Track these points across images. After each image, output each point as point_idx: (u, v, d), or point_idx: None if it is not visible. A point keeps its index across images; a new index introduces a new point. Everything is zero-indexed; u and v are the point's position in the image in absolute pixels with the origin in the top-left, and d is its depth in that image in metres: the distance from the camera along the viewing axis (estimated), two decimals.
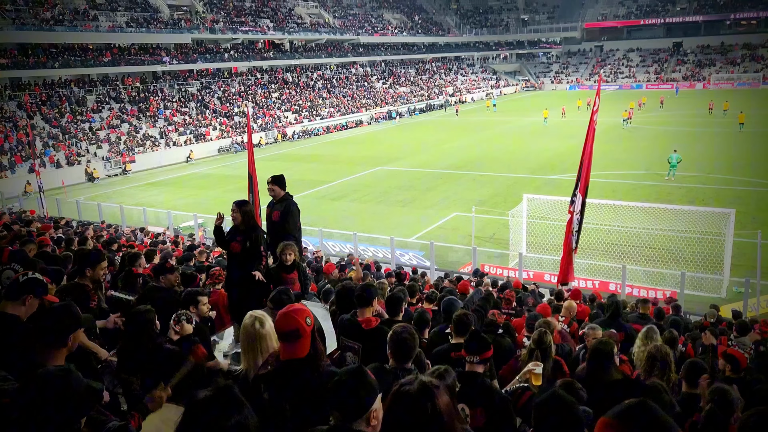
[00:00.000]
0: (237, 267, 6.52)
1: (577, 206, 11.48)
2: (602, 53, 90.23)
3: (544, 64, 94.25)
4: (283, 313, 3.02)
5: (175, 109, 46.92)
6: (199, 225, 21.15)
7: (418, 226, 22.09)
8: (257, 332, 3.33)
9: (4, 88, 39.56)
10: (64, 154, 36.45)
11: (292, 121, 53.37)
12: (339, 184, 30.39)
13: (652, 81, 79.24)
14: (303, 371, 2.98)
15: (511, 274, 16.35)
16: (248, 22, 58.97)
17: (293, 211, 7.58)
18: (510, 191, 26.08)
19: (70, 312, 2.99)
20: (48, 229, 11.16)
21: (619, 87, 79.63)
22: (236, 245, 6.41)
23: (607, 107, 55.80)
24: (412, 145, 43.03)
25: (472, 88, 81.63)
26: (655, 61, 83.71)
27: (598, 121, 11.96)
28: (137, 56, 47.14)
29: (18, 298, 3.47)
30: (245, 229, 6.44)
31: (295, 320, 2.96)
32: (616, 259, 16.76)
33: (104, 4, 47.49)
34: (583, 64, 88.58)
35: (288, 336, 2.98)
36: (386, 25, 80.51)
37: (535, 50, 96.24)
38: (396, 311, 5.07)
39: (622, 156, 33.33)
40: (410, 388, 1.90)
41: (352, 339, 4.59)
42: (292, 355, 2.98)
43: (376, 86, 69.78)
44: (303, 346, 2.99)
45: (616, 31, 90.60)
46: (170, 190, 31.98)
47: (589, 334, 5.86)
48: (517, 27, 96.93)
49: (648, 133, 41.50)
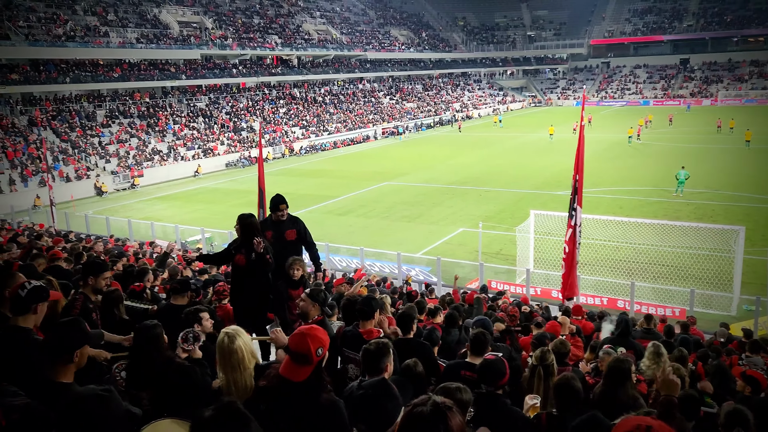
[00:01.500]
0: (243, 280, 6.50)
1: (578, 219, 11.49)
2: (609, 69, 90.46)
3: (551, 80, 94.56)
4: (300, 332, 3.02)
5: (183, 124, 47.28)
6: (206, 239, 21.21)
7: (424, 242, 22.06)
8: (227, 348, 3.35)
9: (16, 102, 40.02)
10: (74, 168, 36.73)
11: (299, 136, 53.65)
12: (345, 199, 30.43)
13: (659, 97, 79.30)
14: (295, 395, 2.97)
15: (518, 290, 16.28)
16: (256, 38, 59.56)
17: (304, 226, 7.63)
18: (517, 207, 26.05)
19: (76, 328, 3.00)
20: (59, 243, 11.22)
21: (626, 103, 79.71)
22: (241, 258, 6.39)
23: (613, 124, 55.98)
24: (418, 160, 43.13)
25: (479, 104, 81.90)
26: (663, 78, 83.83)
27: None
28: (147, 72, 47.64)
29: (27, 310, 3.49)
30: (248, 243, 6.42)
31: (306, 346, 2.95)
32: (625, 276, 16.66)
33: (115, 21, 48.12)
34: (590, 80, 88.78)
35: (294, 356, 2.99)
36: (393, 41, 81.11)
37: (542, 66, 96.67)
38: (408, 329, 5.06)
39: (629, 172, 33.28)
40: (423, 409, 1.89)
41: (354, 350, 4.58)
42: (289, 375, 2.99)
43: (383, 102, 70.15)
44: (302, 373, 2.98)
45: (622, 47, 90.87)
46: (178, 205, 32.12)
47: (603, 359, 5.79)
48: (523, 43, 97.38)
49: (655, 150, 41.44)
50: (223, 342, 3.37)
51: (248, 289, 6.43)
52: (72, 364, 2.94)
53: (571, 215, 11.30)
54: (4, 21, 39.49)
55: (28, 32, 40.22)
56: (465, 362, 4.68)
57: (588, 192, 26.01)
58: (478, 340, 4.71)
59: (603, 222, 18.76)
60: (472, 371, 4.42)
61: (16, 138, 36.98)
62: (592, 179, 29.07)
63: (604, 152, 40.13)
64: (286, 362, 3.02)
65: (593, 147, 41.21)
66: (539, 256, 18.12)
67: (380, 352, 3.58)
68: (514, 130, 58.49)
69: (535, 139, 50.44)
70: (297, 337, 3.02)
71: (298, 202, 7.85)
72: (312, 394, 2.96)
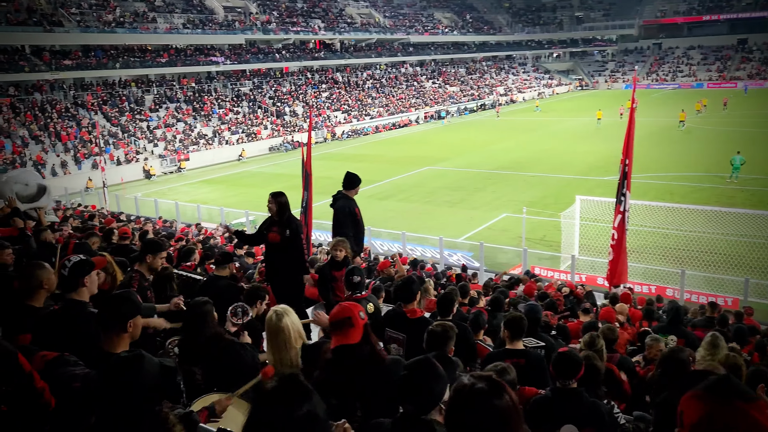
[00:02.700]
0: (277, 256, 6.57)
1: (627, 204, 11.16)
2: (660, 51, 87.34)
3: (599, 63, 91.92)
4: (339, 305, 3.15)
5: (228, 109, 47.98)
6: (250, 221, 21.53)
7: (466, 227, 21.87)
8: (275, 326, 3.39)
9: (69, 88, 41.33)
10: (123, 151, 37.79)
11: (341, 120, 53.78)
12: (387, 184, 30.40)
13: (713, 80, 76.18)
14: (356, 352, 3.04)
15: (562, 276, 15.99)
16: (300, 22, 59.77)
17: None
18: (562, 192, 25.52)
19: (128, 299, 3.07)
20: (111, 223, 11.57)
21: (678, 86, 76.93)
22: (275, 235, 6.44)
23: (664, 108, 54.12)
24: (461, 145, 42.70)
25: (523, 88, 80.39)
26: (718, 59, 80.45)
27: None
28: (193, 57, 48.43)
29: (76, 285, 3.58)
30: (281, 220, 6.46)
31: (348, 310, 3.07)
32: (674, 264, 16.15)
33: (162, 7, 48.99)
34: (640, 63, 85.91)
35: (339, 325, 3.06)
36: (436, 25, 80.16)
37: (590, 48, 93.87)
38: (448, 311, 5.00)
39: (680, 158, 32.18)
40: (482, 385, 1.83)
41: (397, 330, 4.55)
42: (342, 341, 3.06)
43: (426, 86, 69.58)
44: (354, 335, 3.04)
45: (675, 27, 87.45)
46: (223, 188, 32.70)
47: (652, 346, 5.62)
48: (571, 25, 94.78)
49: (708, 135, 39.90)
50: (271, 320, 3.42)
51: (283, 266, 6.50)
52: (126, 334, 3.01)
53: (619, 201, 10.96)
54: (57, 8, 40.70)
55: (80, 19, 41.36)
56: (507, 350, 4.59)
57: (637, 178, 25.25)
58: (514, 323, 4.59)
59: (652, 208, 18.19)
60: (520, 357, 4.32)
61: (69, 122, 38.24)
62: (640, 164, 28.20)
63: (654, 137, 38.87)
64: (333, 338, 3.11)
65: (641, 131, 39.93)
66: (585, 243, 17.73)
67: (446, 334, 3.56)
68: (560, 115, 57.23)
69: (581, 124, 49.24)
70: (335, 309, 3.15)
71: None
72: (372, 351, 3.08)
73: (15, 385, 2.53)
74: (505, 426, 1.80)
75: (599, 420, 3.41)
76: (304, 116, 50.67)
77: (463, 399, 1.84)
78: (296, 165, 30.32)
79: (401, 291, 4.64)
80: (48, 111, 38.22)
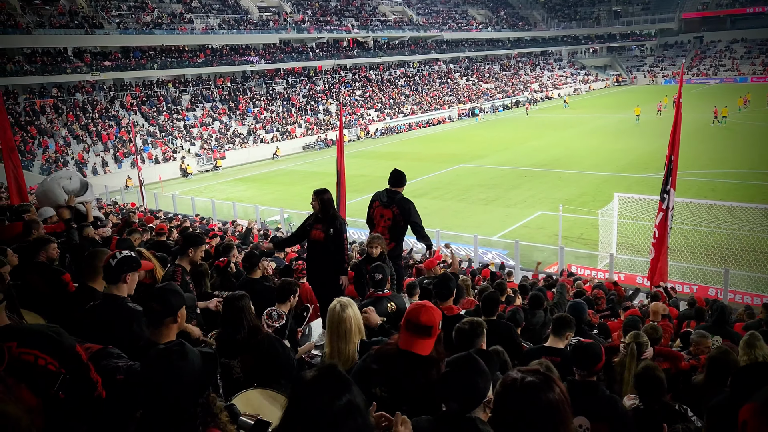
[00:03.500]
0: (320, 255, 6.48)
1: (670, 202, 10.86)
2: (702, 45, 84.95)
3: (637, 58, 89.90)
4: (423, 305, 2.95)
5: (262, 107, 48.53)
6: (285, 219, 21.73)
7: (501, 225, 21.65)
8: (338, 316, 3.39)
9: (109, 88, 42.37)
10: (161, 150, 38.57)
11: (374, 118, 53.86)
12: (420, 182, 30.29)
13: (758, 73, 73.72)
14: (421, 364, 2.88)
15: (600, 275, 15.70)
16: (333, 21, 60.03)
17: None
18: (599, 190, 25.06)
19: (175, 290, 3.11)
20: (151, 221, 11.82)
21: (720, 80, 74.73)
22: (318, 233, 6.36)
23: (704, 103, 52.61)
24: (495, 142, 42.30)
25: (559, 84, 79.20)
26: (763, 52, 77.77)
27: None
28: (228, 57, 49.11)
29: (118, 279, 3.64)
30: (325, 218, 6.41)
31: (432, 318, 2.87)
32: (717, 263, 15.68)
33: (199, 8, 49.81)
34: (680, 57, 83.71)
35: (418, 328, 2.88)
36: (470, 21, 79.56)
37: (628, 43, 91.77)
38: (492, 311, 4.94)
39: (722, 154, 31.24)
40: (533, 379, 1.80)
41: None
42: (412, 348, 2.88)
43: (459, 83, 69.16)
44: (426, 346, 2.88)
45: (718, 20, 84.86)
46: (258, 186, 33.08)
47: (699, 342, 5.43)
48: (608, 19, 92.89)
49: (752, 131, 38.64)
50: (335, 309, 3.43)
51: (326, 264, 6.46)
52: (175, 325, 3.04)
53: (663, 198, 10.69)
54: (98, 11, 41.76)
55: (120, 21, 42.35)
56: (545, 347, 4.51)
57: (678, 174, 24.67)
58: (559, 321, 4.51)
59: (693, 206, 17.70)
60: (555, 355, 4.24)
61: (109, 122, 39.21)
62: (681, 161, 27.51)
63: (695, 133, 37.83)
64: (406, 336, 2.92)
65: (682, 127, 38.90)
66: (623, 241, 17.35)
67: (474, 331, 3.51)
68: (596, 111, 56.19)
69: (618, 120, 48.24)
70: (419, 308, 2.92)
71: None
72: (436, 367, 2.88)
73: (74, 373, 2.58)
74: (555, 420, 1.77)
75: (614, 415, 3.34)
76: (338, 114, 50.89)
77: (513, 393, 1.81)
78: (329, 163, 30.50)
79: (439, 287, 4.59)
80: (89, 111, 39.26)
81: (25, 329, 2.56)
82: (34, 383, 2.43)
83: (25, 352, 2.45)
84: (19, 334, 2.49)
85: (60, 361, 2.53)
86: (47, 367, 2.48)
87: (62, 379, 2.52)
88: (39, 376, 2.46)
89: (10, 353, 2.41)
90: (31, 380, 2.42)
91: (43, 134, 35.41)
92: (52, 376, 2.50)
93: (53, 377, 2.50)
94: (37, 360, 2.46)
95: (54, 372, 2.50)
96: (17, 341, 2.45)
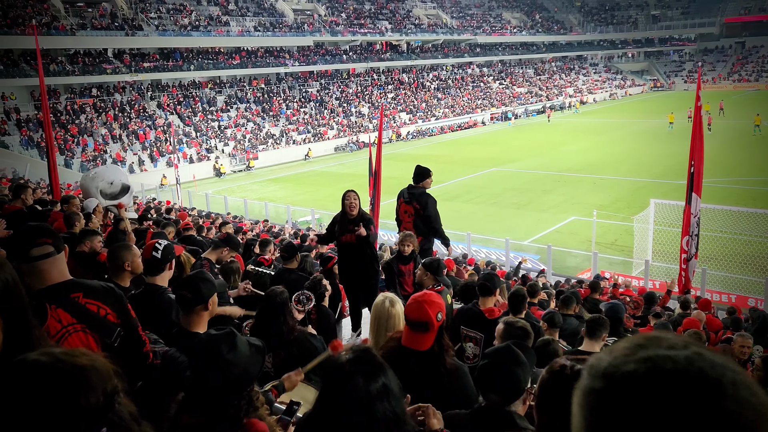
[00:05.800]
0: (352, 256, 6.52)
1: (696, 208, 10.63)
2: (744, 50, 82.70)
3: (676, 63, 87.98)
4: (417, 300, 2.91)
5: (295, 109, 48.95)
6: (316, 219, 21.86)
7: (533, 229, 21.38)
8: (387, 311, 3.37)
9: (147, 89, 43.29)
10: (196, 150, 39.20)
11: (406, 121, 53.82)
12: (452, 185, 30.13)
13: None
14: (420, 363, 2.86)
15: (635, 282, 15.38)
16: (367, 24, 60.24)
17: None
18: (634, 196, 24.58)
19: (207, 278, 3.13)
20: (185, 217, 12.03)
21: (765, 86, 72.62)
22: (351, 236, 6.38)
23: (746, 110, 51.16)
24: (528, 146, 41.84)
25: (594, 89, 78.00)
26: None
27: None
28: (263, 59, 49.70)
29: (162, 269, 3.74)
30: (356, 219, 6.41)
31: (426, 313, 2.83)
32: (758, 273, 15.21)
33: (235, 11, 50.54)
34: (721, 62, 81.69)
35: (415, 325, 2.88)
36: (505, 25, 78.95)
37: (666, 48, 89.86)
38: (519, 309, 4.87)
39: (764, 162, 30.32)
40: (582, 367, 1.74)
41: (473, 329, 4.44)
42: (412, 344, 2.88)
43: (492, 87, 68.67)
44: (426, 340, 2.87)
45: (761, 25, 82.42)
46: (290, 186, 33.34)
47: (737, 341, 5.27)
48: (646, 24, 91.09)
49: None
50: (384, 304, 3.42)
51: (359, 264, 6.48)
52: (206, 313, 3.07)
53: (688, 203, 10.48)
54: (138, 13, 42.73)
55: (158, 23, 43.24)
56: (578, 350, 4.42)
57: (717, 182, 24.05)
58: (593, 323, 4.42)
59: (732, 214, 17.26)
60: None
61: (146, 122, 40.04)
62: (722, 169, 26.88)
63: (737, 140, 36.87)
64: (406, 333, 2.93)
65: (723, 135, 37.97)
66: (659, 248, 16.95)
67: (525, 336, 3.46)
68: (631, 117, 55.14)
69: (653, 126, 47.24)
70: (413, 305, 2.89)
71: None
72: (437, 360, 2.88)
73: (127, 327, 2.71)
74: None
75: None
76: (370, 117, 51.03)
77: (561, 381, 1.76)
78: (361, 165, 30.55)
79: (485, 283, 4.55)
80: (127, 111, 40.15)
81: (87, 283, 2.68)
82: (99, 333, 2.58)
83: (90, 302, 2.58)
84: (83, 286, 2.62)
85: (118, 314, 2.66)
86: (107, 317, 2.62)
87: (118, 332, 2.65)
88: (101, 326, 2.60)
89: (77, 303, 2.54)
90: (96, 330, 2.58)
91: (83, 133, 36.34)
92: (112, 327, 2.63)
93: (113, 328, 2.63)
94: (99, 310, 2.60)
95: (113, 323, 2.64)
96: (82, 292, 2.58)
